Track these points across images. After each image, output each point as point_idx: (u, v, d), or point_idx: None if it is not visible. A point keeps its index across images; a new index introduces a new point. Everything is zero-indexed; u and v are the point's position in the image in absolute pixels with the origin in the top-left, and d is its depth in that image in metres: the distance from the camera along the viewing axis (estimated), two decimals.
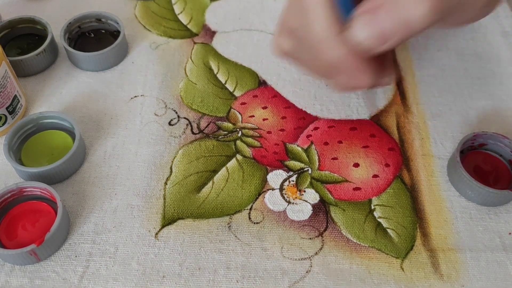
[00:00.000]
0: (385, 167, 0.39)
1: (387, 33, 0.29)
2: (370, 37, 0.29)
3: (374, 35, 0.29)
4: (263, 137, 0.41)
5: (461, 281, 0.34)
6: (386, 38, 0.29)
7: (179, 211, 0.37)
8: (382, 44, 0.29)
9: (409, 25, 0.28)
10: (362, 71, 0.31)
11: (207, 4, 0.52)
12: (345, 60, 0.30)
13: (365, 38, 0.29)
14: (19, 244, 0.35)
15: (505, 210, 0.37)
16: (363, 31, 0.29)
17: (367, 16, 0.29)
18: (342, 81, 0.32)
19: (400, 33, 0.29)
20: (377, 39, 0.29)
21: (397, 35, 0.29)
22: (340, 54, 0.30)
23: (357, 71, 0.31)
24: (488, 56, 0.47)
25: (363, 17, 0.29)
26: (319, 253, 0.35)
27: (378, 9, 0.28)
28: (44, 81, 0.45)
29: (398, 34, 0.29)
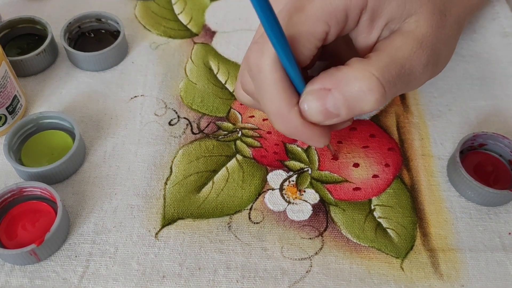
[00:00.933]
0: (385, 167, 0.39)
1: (335, 113, 0.31)
2: (319, 113, 0.31)
3: (323, 113, 0.31)
4: (263, 137, 0.41)
5: (461, 281, 0.34)
6: (333, 116, 0.31)
7: (179, 211, 0.37)
8: (330, 120, 0.31)
9: (356, 110, 0.31)
10: (315, 137, 0.32)
11: (207, 4, 0.52)
12: (297, 130, 0.32)
13: (315, 114, 0.31)
14: (19, 244, 0.35)
15: (505, 210, 0.37)
16: (313, 107, 0.31)
17: (316, 95, 0.31)
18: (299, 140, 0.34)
19: (346, 115, 0.31)
20: (325, 116, 0.31)
21: (343, 116, 0.31)
22: (292, 125, 0.31)
23: (310, 138, 0.32)
24: (488, 57, 0.47)
25: (313, 95, 0.31)
26: (319, 253, 0.35)
27: (327, 93, 0.30)
28: (44, 81, 0.45)
29: (344, 115, 0.31)
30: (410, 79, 0.32)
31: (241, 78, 0.34)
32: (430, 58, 0.32)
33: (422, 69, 0.32)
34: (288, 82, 0.31)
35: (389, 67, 0.30)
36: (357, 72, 0.30)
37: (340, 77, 0.30)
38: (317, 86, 0.31)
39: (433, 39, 0.32)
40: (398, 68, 0.31)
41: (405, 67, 0.31)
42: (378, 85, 0.30)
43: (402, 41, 0.31)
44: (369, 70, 0.30)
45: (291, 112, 0.31)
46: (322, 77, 0.31)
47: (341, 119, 0.31)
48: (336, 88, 0.30)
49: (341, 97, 0.30)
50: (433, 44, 0.32)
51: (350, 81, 0.30)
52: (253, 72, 0.31)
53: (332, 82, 0.30)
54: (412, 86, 0.33)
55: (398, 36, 0.32)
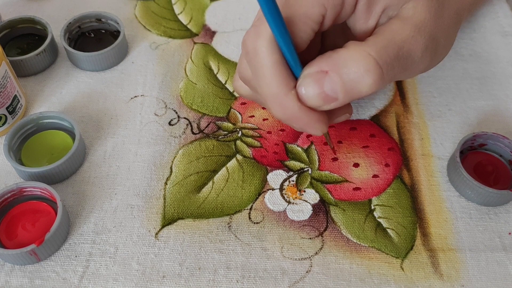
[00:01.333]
0: (385, 167, 0.39)
1: (333, 96, 0.30)
2: (317, 97, 0.30)
3: (320, 97, 0.30)
4: (263, 137, 0.41)
5: (461, 281, 0.34)
6: (331, 100, 0.30)
7: (179, 211, 0.37)
8: (328, 104, 0.31)
9: (353, 93, 0.30)
10: (312, 123, 0.32)
11: (207, 4, 0.52)
12: (294, 115, 0.31)
13: (312, 97, 0.30)
14: (19, 244, 0.35)
15: (505, 210, 0.37)
16: (311, 91, 0.30)
17: (314, 78, 0.30)
18: (296, 128, 0.33)
19: (343, 98, 0.30)
20: (323, 100, 0.30)
21: (341, 100, 0.30)
22: (289, 110, 0.31)
23: (307, 124, 0.32)
24: (487, 56, 0.47)
25: (310, 78, 0.30)
26: (319, 253, 0.35)
27: (324, 76, 0.30)
28: (44, 81, 0.45)
29: (342, 99, 0.30)
30: (408, 63, 0.31)
31: (239, 66, 0.34)
32: (428, 44, 0.32)
33: (420, 53, 0.31)
34: (285, 65, 0.30)
35: (387, 48, 0.30)
36: (354, 53, 0.29)
37: (337, 59, 0.30)
38: (314, 69, 0.30)
39: (431, 25, 0.32)
40: (396, 50, 0.30)
41: (403, 49, 0.30)
42: (376, 66, 0.29)
43: (400, 25, 0.31)
44: (366, 51, 0.29)
45: (289, 96, 0.30)
46: (319, 60, 0.30)
47: (339, 103, 0.31)
48: (333, 70, 0.30)
49: (338, 79, 0.30)
50: (431, 30, 0.32)
51: (347, 63, 0.29)
52: (249, 56, 0.31)
53: (329, 64, 0.30)
54: (410, 71, 0.32)
55: (396, 21, 0.32)
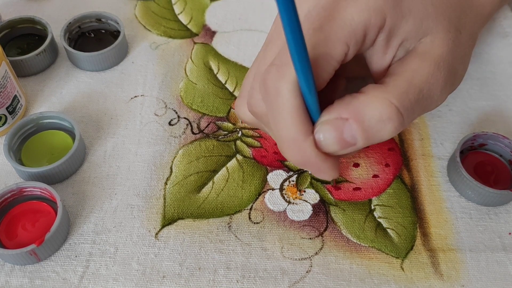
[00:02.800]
0: (385, 167, 0.39)
1: (351, 143, 0.29)
2: (335, 144, 0.29)
3: (339, 143, 0.29)
4: (263, 137, 0.41)
5: (461, 281, 0.34)
6: (349, 146, 0.29)
7: (179, 211, 0.37)
8: (346, 150, 0.30)
9: (373, 139, 0.29)
10: (326, 169, 0.31)
11: (207, 4, 0.52)
12: (310, 161, 0.30)
13: (330, 144, 0.29)
14: (19, 244, 0.34)
15: (505, 210, 0.37)
16: (329, 137, 0.29)
17: (333, 125, 0.29)
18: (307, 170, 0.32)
19: (363, 144, 0.29)
20: (342, 146, 0.29)
21: (360, 145, 0.29)
22: (306, 156, 0.30)
23: (321, 170, 0.31)
24: (488, 57, 0.47)
25: (329, 125, 0.29)
26: (319, 253, 0.35)
27: (344, 123, 0.29)
28: (44, 81, 0.45)
29: (361, 145, 0.29)
30: (428, 103, 0.31)
31: (250, 99, 0.32)
32: (447, 79, 0.31)
33: (440, 91, 0.31)
34: (305, 110, 0.29)
35: (408, 93, 0.29)
36: (375, 101, 0.29)
37: (357, 105, 0.29)
38: (333, 116, 0.29)
39: (449, 59, 0.31)
40: (417, 93, 0.29)
41: (423, 91, 0.30)
42: (397, 114, 0.28)
43: (419, 63, 0.30)
44: (388, 98, 0.28)
45: (306, 141, 0.29)
46: (337, 105, 0.29)
47: (356, 148, 0.30)
48: (353, 118, 0.29)
49: (358, 127, 0.29)
50: (450, 64, 0.31)
51: (368, 110, 0.28)
52: (270, 96, 0.29)
53: (349, 111, 0.29)
54: (429, 109, 0.32)
55: (414, 57, 0.31)
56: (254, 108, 0.32)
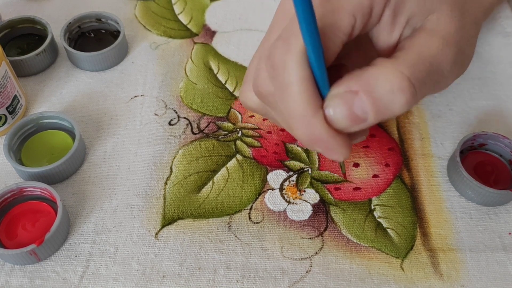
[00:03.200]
0: (385, 167, 0.39)
1: (362, 118, 0.28)
2: (346, 119, 0.28)
3: (350, 118, 0.28)
4: (263, 137, 0.41)
5: (461, 281, 0.34)
6: (360, 121, 0.29)
7: (179, 211, 0.37)
8: (357, 126, 0.29)
9: (385, 113, 0.28)
10: (337, 147, 0.30)
11: (207, 4, 0.52)
12: (320, 138, 0.29)
13: (341, 119, 0.28)
14: (19, 244, 0.34)
15: (505, 210, 0.37)
16: (339, 113, 0.28)
17: (343, 98, 0.28)
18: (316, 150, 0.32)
19: (374, 119, 0.28)
20: (352, 121, 0.28)
21: (371, 120, 0.28)
22: (315, 132, 0.29)
23: (332, 147, 0.30)
24: (488, 57, 0.47)
25: (339, 99, 0.28)
26: (319, 253, 0.35)
27: (354, 96, 0.28)
28: (44, 81, 0.45)
29: (372, 120, 0.28)
30: (439, 79, 0.30)
31: (255, 79, 0.31)
32: (456, 57, 0.30)
33: (449, 67, 0.30)
34: (314, 83, 0.28)
35: (418, 65, 0.28)
36: (386, 71, 0.28)
37: (367, 77, 0.28)
38: (343, 89, 0.28)
39: (456, 37, 0.30)
40: (427, 66, 0.29)
41: (433, 65, 0.29)
42: (409, 84, 0.27)
43: (427, 38, 0.30)
44: (399, 69, 0.28)
45: (316, 117, 0.28)
46: (347, 79, 0.28)
47: (368, 124, 0.29)
48: (364, 90, 0.28)
49: (369, 100, 0.28)
50: (457, 42, 0.30)
51: (378, 82, 0.28)
52: (276, 70, 0.28)
53: (359, 84, 0.28)
54: (440, 86, 0.31)
55: (422, 33, 0.30)
56: (260, 88, 0.31)
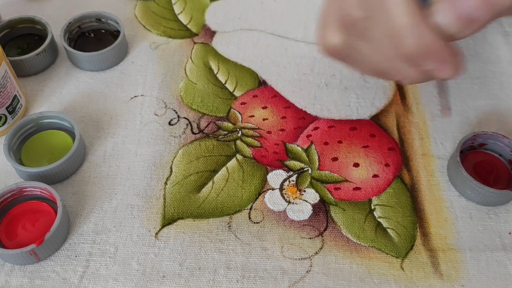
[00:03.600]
0: (385, 167, 0.39)
1: (472, 16, 0.27)
2: (455, 21, 0.27)
3: (459, 19, 0.27)
4: (263, 137, 0.41)
5: (461, 280, 0.34)
6: (471, 21, 0.27)
7: (179, 211, 0.37)
8: (468, 27, 0.27)
9: (495, 5, 0.26)
10: (451, 57, 0.28)
11: (207, 4, 0.52)
12: (434, 46, 0.27)
13: (450, 22, 0.27)
14: (19, 244, 0.34)
15: (505, 210, 0.37)
16: (448, 15, 0.27)
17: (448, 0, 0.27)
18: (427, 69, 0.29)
19: (485, 15, 0.27)
20: (463, 22, 0.27)
21: (483, 17, 0.27)
22: (427, 40, 0.27)
23: (445, 58, 0.28)
24: (488, 56, 0.47)
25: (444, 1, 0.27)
26: (319, 253, 0.35)
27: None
28: (44, 81, 0.45)
29: (484, 16, 0.27)
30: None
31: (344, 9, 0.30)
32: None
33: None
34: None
35: None
36: None
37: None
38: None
39: None
40: None
41: None
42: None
43: None
44: None
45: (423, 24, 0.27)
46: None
47: (481, 22, 0.27)
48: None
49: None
50: None
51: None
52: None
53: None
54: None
55: None
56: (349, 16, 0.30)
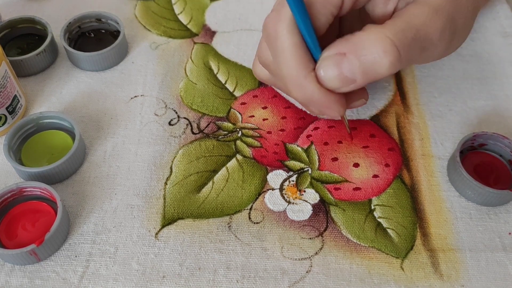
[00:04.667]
0: (385, 167, 0.39)
1: (351, 78, 0.31)
2: (337, 79, 0.31)
3: (340, 78, 0.31)
4: (263, 137, 0.41)
5: (461, 281, 0.34)
6: (350, 82, 0.31)
7: (179, 211, 0.37)
8: (347, 86, 0.31)
9: (371, 74, 0.31)
10: (331, 104, 0.33)
11: (207, 4, 0.52)
12: (313, 97, 0.32)
13: (332, 79, 0.31)
14: (19, 244, 0.35)
15: (505, 210, 0.37)
16: (330, 73, 0.31)
17: (332, 60, 0.31)
18: (314, 111, 0.35)
19: (363, 80, 0.31)
20: (343, 82, 0.31)
21: (360, 81, 0.31)
22: (308, 92, 0.32)
23: (326, 105, 0.33)
24: (488, 57, 0.47)
25: (329, 60, 0.31)
26: (319, 253, 0.35)
27: (343, 58, 0.31)
28: (44, 81, 0.45)
29: (361, 81, 0.31)
30: (426, 45, 0.32)
31: (258, 50, 0.35)
32: (446, 25, 0.32)
33: (438, 35, 0.32)
34: (305, 48, 0.31)
35: (404, 31, 0.30)
36: (372, 35, 0.30)
37: (355, 41, 0.30)
38: (333, 52, 0.31)
39: (449, 8, 0.32)
40: (414, 32, 0.31)
41: (420, 32, 0.31)
42: (393, 47, 0.30)
43: (418, 9, 0.32)
44: (384, 33, 0.30)
45: (308, 77, 0.31)
46: (337, 42, 0.31)
47: (357, 85, 0.31)
48: (352, 52, 0.30)
49: (356, 61, 0.30)
50: (449, 13, 0.32)
51: (365, 45, 0.30)
52: (270, 38, 0.32)
53: (347, 47, 0.31)
54: (428, 54, 0.33)
55: (414, 5, 0.32)
56: (261, 58, 0.34)
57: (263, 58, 0.34)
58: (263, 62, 0.35)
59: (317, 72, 0.32)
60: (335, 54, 0.31)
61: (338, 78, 0.31)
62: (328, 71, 0.31)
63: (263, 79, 0.38)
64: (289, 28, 0.30)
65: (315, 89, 0.31)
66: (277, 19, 0.31)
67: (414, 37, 0.31)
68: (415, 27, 0.31)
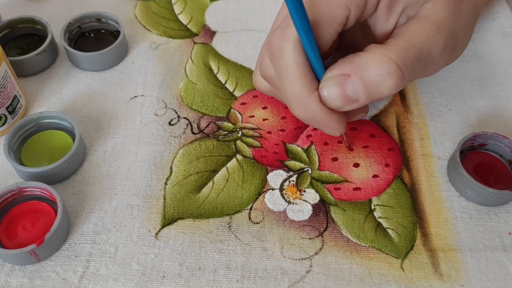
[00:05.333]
0: (385, 167, 0.39)
1: (354, 98, 0.31)
2: (339, 99, 0.31)
3: (342, 98, 0.31)
4: (263, 137, 0.41)
5: (461, 281, 0.34)
6: (353, 101, 0.32)
7: (179, 211, 0.37)
8: (350, 105, 0.32)
9: (375, 95, 0.31)
10: (332, 124, 0.33)
11: (207, 4, 0.52)
12: (315, 116, 0.32)
13: (334, 99, 0.31)
14: (19, 244, 0.35)
15: (505, 210, 0.37)
16: (333, 93, 0.31)
17: (336, 80, 0.31)
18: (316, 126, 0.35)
19: (366, 100, 0.31)
20: (345, 101, 0.32)
21: (363, 101, 0.32)
22: (311, 111, 0.32)
23: (327, 124, 0.33)
24: (488, 57, 0.47)
25: (333, 81, 0.31)
26: (319, 253, 0.35)
27: (347, 79, 0.31)
28: (44, 81, 0.45)
29: (364, 100, 0.31)
30: (428, 63, 0.32)
31: (260, 64, 0.35)
32: (447, 42, 0.32)
33: (440, 52, 0.32)
34: (309, 67, 0.31)
35: (407, 51, 0.31)
36: (376, 57, 0.30)
37: (359, 62, 0.31)
38: (336, 72, 0.31)
39: (450, 24, 0.32)
40: (416, 51, 0.31)
41: (422, 50, 0.31)
42: (396, 69, 0.30)
43: (419, 26, 0.32)
44: (387, 55, 0.30)
45: (311, 97, 0.31)
46: (341, 63, 0.31)
47: (360, 104, 0.32)
48: (355, 74, 0.31)
49: (360, 82, 0.31)
50: (450, 29, 0.32)
51: (369, 66, 0.30)
52: (274, 56, 0.32)
53: (351, 68, 0.31)
54: (430, 70, 0.33)
55: (415, 21, 0.32)
56: (264, 71, 0.34)
57: (265, 72, 0.34)
58: (265, 76, 0.35)
59: (320, 92, 0.32)
60: (338, 74, 0.31)
61: (341, 98, 0.31)
62: (331, 91, 0.31)
63: (264, 91, 0.38)
64: (294, 47, 0.31)
65: (318, 108, 0.32)
66: (282, 37, 0.31)
67: (417, 56, 0.31)
68: (417, 46, 0.31)
